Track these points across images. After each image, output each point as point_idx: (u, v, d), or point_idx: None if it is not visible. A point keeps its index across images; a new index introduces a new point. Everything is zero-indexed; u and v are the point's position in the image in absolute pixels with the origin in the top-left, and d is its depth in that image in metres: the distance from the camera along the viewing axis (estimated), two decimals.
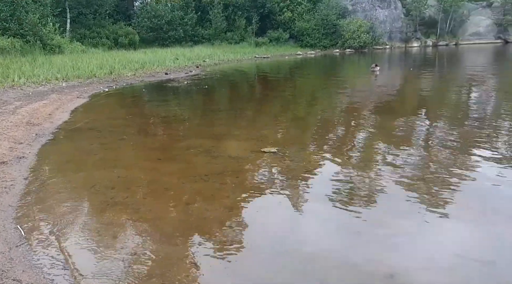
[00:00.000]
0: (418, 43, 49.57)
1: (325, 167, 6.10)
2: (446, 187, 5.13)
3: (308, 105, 12.61)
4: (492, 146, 6.83)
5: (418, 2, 48.13)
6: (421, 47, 48.34)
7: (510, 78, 15.79)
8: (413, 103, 12.43)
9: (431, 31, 50.73)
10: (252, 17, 43.47)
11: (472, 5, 52.07)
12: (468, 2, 51.89)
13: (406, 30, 49.90)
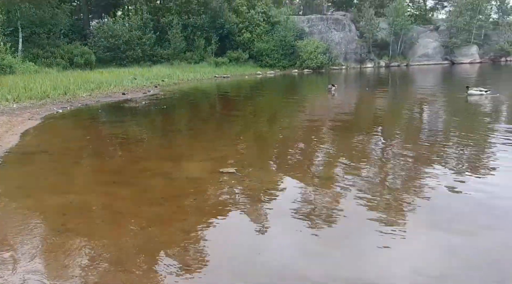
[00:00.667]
0: (372, 64, 51.55)
1: (284, 186, 6.13)
2: (402, 203, 5.27)
3: (268, 124, 12.73)
4: (444, 162, 7.13)
5: (371, 25, 50.30)
6: (374, 67, 50.28)
7: (457, 97, 16.65)
8: (369, 121, 12.82)
9: (383, 52, 52.95)
10: (211, 37, 43.78)
11: (420, 29, 54.95)
12: (417, 25, 54.72)
13: (360, 51, 51.87)
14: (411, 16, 55.09)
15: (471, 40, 51.07)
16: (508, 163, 6.81)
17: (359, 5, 55.22)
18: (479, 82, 23.60)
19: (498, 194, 5.51)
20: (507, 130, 9.63)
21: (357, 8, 54.91)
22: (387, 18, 51.02)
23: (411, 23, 51.89)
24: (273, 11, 48.24)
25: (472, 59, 50.35)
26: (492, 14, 54.75)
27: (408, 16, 52.44)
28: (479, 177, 6.18)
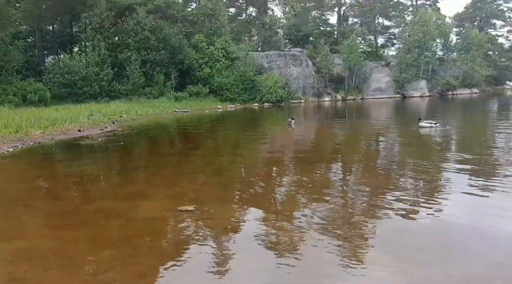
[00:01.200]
0: (329, 97, 53.25)
1: (245, 223, 6.04)
2: (361, 234, 5.31)
3: (229, 159, 12.67)
4: (400, 192, 7.30)
5: (326, 61, 52.36)
6: (332, 101, 51.91)
7: (409, 129, 17.38)
8: (328, 152, 13.06)
9: (339, 86, 54.96)
10: (171, 72, 43.89)
11: (373, 64, 57.69)
12: (369, 61, 57.47)
13: (317, 86, 53.60)
14: (364, 52, 57.90)
15: (420, 75, 54.05)
16: (458, 192, 7.07)
17: (315, 42, 57.54)
18: (429, 115, 24.82)
19: (451, 222, 5.67)
20: (456, 161, 10.07)
21: (313, 45, 57.16)
22: (341, 55, 53.33)
23: (364, 59, 54.50)
24: (233, 48, 49.27)
25: (422, 93, 53.13)
26: (438, 51, 58.49)
27: (360, 53, 55.08)
28: (433, 206, 6.37)
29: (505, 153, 10.99)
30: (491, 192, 7.01)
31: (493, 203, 6.43)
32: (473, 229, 5.36)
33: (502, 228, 5.31)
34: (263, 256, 4.81)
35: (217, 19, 48.42)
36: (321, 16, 67.65)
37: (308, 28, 60.65)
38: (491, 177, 8.12)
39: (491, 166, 9.24)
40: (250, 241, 5.23)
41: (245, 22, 68.50)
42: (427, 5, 66.47)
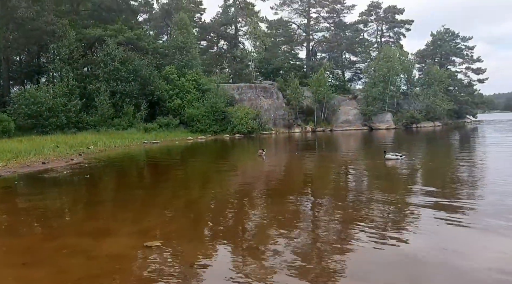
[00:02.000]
0: (299, 129, 54.11)
1: (214, 259, 5.89)
2: (332, 268, 5.27)
3: (199, 191, 12.49)
4: (369, 223, 7.35)
5: (296, 93, 53.61)
6: (302, 132, 52.71)
7: (376, 161, 17.74)
8: (299, 184, 13.09)
9: (309, 118, 56.07)
10: (141, 103, 43.66)
11: (341, 97, 59.42)
12: (338, 94, 59.17)
13: (288, 117, 54.50)
14: (332, 86, 59.73)
15: (386, 108, 55.93)
16: (425, 225, 7.19)
17: (285, 75, 58.97)
18: (395, 147, 25.50)
19: (419, 255, 5.72)
20: (422, 193, 10.30)
21: (283, 78, 58.53)
22: (310, 88, 54.73)
23: (332, 92, 56.16)
24: (204, 79, 49.78)
25: (388, 125, 54.80)
26: (402, 85, 60.97)
27: (329, 86, 56.78)
28: (401, 239, 6.42)
29: (468, 185, 11.33)
30: (456, 225, 7.16)
31: (458, 236, 6.55)
32: (440, 263, 5.42)
33: (467, 262, 5.39)
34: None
35: (188, 52, 49.02)
36: (291, 51, 69.68)
37: (278, 61, 62.27)
38: (456, 210, 8.32)
39: (455, 199, 9.48)
40: (219, 279, 5.08)
41: (216, 54, 69.59)
42: (391, 42, 69.67)
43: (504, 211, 7.79)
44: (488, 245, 5.94)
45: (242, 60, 62.06)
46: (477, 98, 74.82)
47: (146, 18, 65.32)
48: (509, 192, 9.76)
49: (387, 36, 72.66)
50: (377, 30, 71.82)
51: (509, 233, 6.44)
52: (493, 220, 7.19)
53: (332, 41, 67.90)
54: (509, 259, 5.39)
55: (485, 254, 5.63)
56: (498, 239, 6.19)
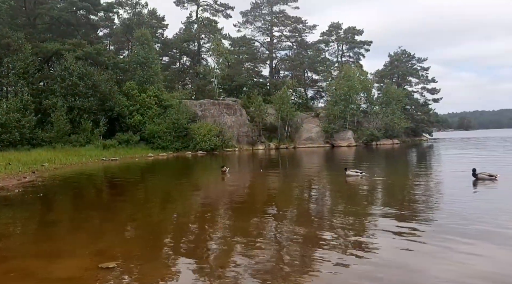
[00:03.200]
0: (263, 146, 54.23)
1: (173, 280, 5.57)
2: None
3: (159, 210, 12.04)
4: (331, 241, 7.26)
5: (260, 110, 53.89)
6: (265, 149, 52.84)
7: (338, 178, 17.88)
8: (262, 202, 12.91)
9: (273, 135, 56.40)
10: (99, 119, 42.42)
11: (304, 115, 60.33)
12: (301, 112, 60.04)
13: (252, 134, 54.56)
14: (295, 103, 60.64)
15: (347, 126, 57.22)
16: (386, 238, 7.18)
17: (249, 92, 59.28)
18: (356, 164, 25.93)
19: (382, 267, 5.66)
20: (382, 208, 10.38)
21: (246, 95, 58.78)
22: (274, 105, 55.21)
23: (295, 110, 56.90)
24: (165, 95, 49.15)
25: (349, 143, 55.98)
26: (362, 104, 62.71)
27: (292, 104, 57.55)
28: (364, 254, 6.36)
29: (424, 204, 11.56)
30: (413, 241, 7.20)
31: (415, 253, 6.56)
32: (404, 274, 5.37)
33: (423, 277, 5.37)
34: None
35: (149, 67, 48.39)
36: (254, 68, 70.35)
37: (242, 78, 62.61)
38: (415, 223, 8.42)
39: (412, 216, 9.60)
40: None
41: (179, 70, 69.17)
42: (351, 62, 71.84)
43: (457, 228, 7.93)
44: (443, 261, 5.98)
45: (205, 77, 61.92)
46: (433, 117, 78.09)
47: (107, 33, 64.18)
48: (461, 210, 10.01)
49: (347, 56, 74.98)
50: (338, 50, 74.03)
51: (462, 248, 6.53)
52: (448, 237, 7.29)
53: (295, 59, 69.20)
54: (463, 272, 5.43)
55: (441, 269, 5.64)
56: (453, 255, 6.25)
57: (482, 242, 6.87)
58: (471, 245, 6.73)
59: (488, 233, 7.47)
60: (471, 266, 5.72)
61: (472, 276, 5.32)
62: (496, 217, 8.72)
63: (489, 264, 5.75)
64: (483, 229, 7.72)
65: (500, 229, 7.73)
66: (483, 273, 5.40)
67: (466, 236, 7.28)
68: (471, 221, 8.47)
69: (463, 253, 6.30)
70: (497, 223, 8.21)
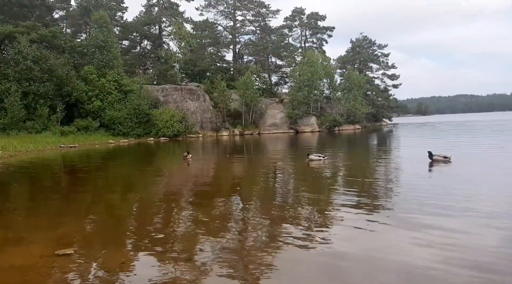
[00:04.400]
0: (227, 132, 53.98)
1: (131, 266, 5.45)
2: (259, 267, 5.12)
3: (121, 196, 11.77)
4: (295, 221, 7.34)
5: (223, 96, 53.44)
6: (230, 135, 52.66)
7: (301, 163, 18.07)
8: (227, 187, 12.88)
9: (237, 121, 56.20)
10: (57, 105, 40.77)
11: (268, 100, 60.41)
12: (265, 98, 60.06)
13: (215, 120, 54.14)
14: (259, 89, 60.43)
15: (310, 112, 57.85)
16: (348, 221, 7.33)
17: (212, 78, 58.57)
18: (319, 149, 26.34)
19: (343, 252, 5.76)
20: (344, 192, 10.61)
21: (210, 80, 58.05)
22: (238, 91, 54.89)
23: (259, 96, 56.78)
24: (126, 80, 47.84)
25: (313, 128, 56.69)
26: (325, 90, 63.50)
27: (256, 89, 57.37)
28: (325, 237, 6.47)
29: (385, 183, 11.93)
30: (376, 221, 7.39)
31: (379, 233, 6.75)
32: (363, 259, 5.49)
33: (389, 256, 5.52)
34: None
35: (108, 51, 46.81)
36: (217, 53, 69.41)
37: (205, 63, 61.67)
38: (376, 207, 8.65)
39: (374, 196, 9.87)
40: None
41: (139, 55, 67.35)
42: (314, 48, 72.26)
43: (416, 208, 8.21)
44: (402, 240, 6.16)
45: (166, 61, 60.60)
46: (392, 102, 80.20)
47: (63, 15, 61.40)
48: (417, 189, 10.38)
49: (310, 41, 75.39)
50: (301, 36, 74.27)
51: (420, 228, 6.76)
52: (407, 216, 7.54)
53: (258, 44, 68.84)
54: (421, 252, 5.61)
55: (400, 247, 5.82)
56: (411, 234, 6.45)
57: (439, 219, 7.14)
58: (428, 222, 6.96)
59: (444, 210, 7.75)
60: (429, 243, 5.92)
61: (427, 255, 5.50)
62: (450, 195, 9.09)
63: (445, 241, 5.97)
64: (439, 206, 8.00)
65: (453, 203, 8.05)
66: (439, 252, 5.59)
67: (423, 213, 7.54)
68: (428, 199, 8.78)
69: (422, 232, 6.51)
70: (451, 200, 8.54)
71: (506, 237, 6.11)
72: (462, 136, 32.87)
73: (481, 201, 8.50)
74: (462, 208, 7.90)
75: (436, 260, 5.13)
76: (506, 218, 7.20)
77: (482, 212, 7.54)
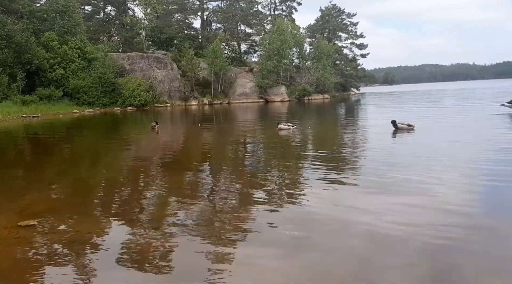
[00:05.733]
0: (196, 101, 53.29)
1: (100, 235, 5.40)
2: (233, 231, 5.20)
3: (88, 167, 11.54)
4: (265, 190, 7.43)
5: (192, 64, 52.34)
6: (199, 105, 52.07)
7: (271, 131, 18.15)
8: (197, 157, 12.83)
9: (206, 91, 55.46)
10: (16, 73, 38.88)
11: (237, 70, 59.70)
12: (234, 67, 59.32)
13: (184, 89, 53.21)
14: (228, 58, 59.52)
15: (280, 81, 57.72)
16: (317, 187, 7.49)
17: (180, 46, 57.02)
18: (289, 118, 26.51)
19: (312, 213, 5.91)
20: (313, 158, 10.79)
21: (177, 48, 56.54)
22: (206, 59, 53.88)
23: (228, 64, 55.97)
24: (90, 48, 46.05)
25: (282, 98, 56.74)
26: (295, 59, 63.23)
27: (225, 58, 56.49)
28: (296, 201, 6.61)
29: (351, 149, 12.23)
30: (343, 184, 7.60)
31: (345, 194, 6.95)
32: (332, 221, 5.66)
33: (354, 218, 5.70)
34: (128, 271, 4.31)
35: (70, 17, 44.62)
36: (185, 20, 67.46)
37: (172, 31, 59.83)
38: (343, 171, 8.85)
39: (341, 162, 10.12)
40: (109, 256, 4.66)
41: (103, 21, 64.60)
42: (283, 16, 71.34)
43: (383, 170, 8.46)
44: (368, 202, 6.38)
45: (132, 28, 58.46)
46: (360, 72, 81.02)
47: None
48: (383, 156, 10.69)
49: (280, 9, 74.26)
50: (271, 3, 72.93)
51: (385, 190, 7.00)
52: (374, 178, 7.77)
53: (227, 11, 67.24)
54: (386, 212, 5.83)
55: (368, 207, 6.03)
56: (376, 196, 6.69)
57: (402, 183, 7.40)
58: (392, 187, 7.21)
59: (406, 174, 8.02)
60: (392, 205, 6.14)
61: (391, 217, 5.71)
62: (413, 161, 9.42)
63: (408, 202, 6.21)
64: (402, 171, 8.27)
65: (415, 168, 8.35)
66: (402, 214, 5.82)
67: (387, 177, 7.78)
68: (391, 165, 9.05)
69: (386, 194, 6.75)
70: (414, 165, 8.84)
71: (466, 199, 6.41)
72: (425, 105, 33.78)
73: (442, 165, 8.84)
74: (424, 172, 8.19)
75: (398, 222, 5.34)
76: (464, 180, 7.54)
77: (442, 176, 7.84)
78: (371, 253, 4.53)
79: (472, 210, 5.88)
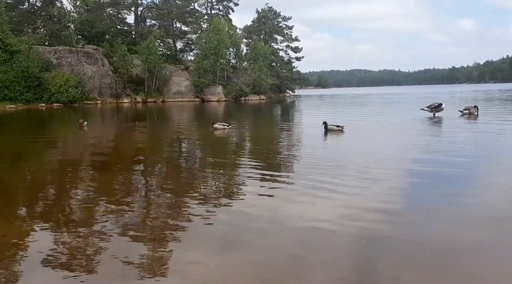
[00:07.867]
0: (128, 99, 51.62)
1: (21, 238, 5.08)
2: (167, 231, 5.12)
3: (9, 167, 10.71)
4: (200, 188, 7.40)
5: (124, 61, 50.62)
6: (131, 103, 50.46)
7: (207, 131, 18.08)
8: (129, 157, 12.40)
9: (140, 88, 53.91)
10: None
11: (173, 67, 58.69)
12: (170, 65, 58.21)
13: (116, 86, 51.31)
14: (163, 55, 58.33)
15: (217, 81, 57.65)
16: (254, 187, 7.60)
17: (111, 41, 54.91)
18: (225, 118, 26.58)
19: (248, 215, 5.99)
20: (249, 159, 10.93)
21: (109, 44, 54.39)
22: (140, 56, 52.40)
23: (163, 62, 54.87)
24: (12, 39, 42.91)
25: (219, 98, 56.72)
26: (231, 59, 63.50)
27: (160, 55, 55.31)
28: (232, 203, 6.64)
29: (286, 149, 12.54)
30: (277, 184, 7.77)
31: (283, 196, 7.10)
32: (264, 220, 5.77)
33: (287, 218, 5.86)
34: (55, 273, 4.10)
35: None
36: (117, 15, 64.99)
37: (103, 25, 57.42)
38: (279, 171, 9.05)
39: (276, 162, 10.33)
40: (35, 259, 4.40)
41: (27, 12, 60.36)
42: (220, 15, 71.33)
43: (315, 170, 8.78)
44: (301, 200, 6.59)
45: (60, 21, 55.25)
46: (295, 75, 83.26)
47: None
48: (316, 156, 11.10)
49: (217, 8, 74.19)
50: (207, 2, 72.62)
51: (321, 192, 7.25)
52: (307, 178, 8.03)
53: (162, 8, 65.81)
54: (316, 210, 6.09)
55: (299, 206, 6.23)
56: (308, 196, 6.91)
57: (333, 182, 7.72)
58: (324, 185, 7.48)
59: (337, 173, 8.36)
60: (324, 203, 6.39)
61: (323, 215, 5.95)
62: (343, 160, 9.87)
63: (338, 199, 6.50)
64: (333, 171, 8.61)
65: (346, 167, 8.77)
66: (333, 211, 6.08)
67: (319, 176, 8.07)
68: (323, 165, 9.39)
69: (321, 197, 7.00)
70: (344, 164, 9.27)
71: (391, 195, 6.83)
72: (353, 107, 35.50)
73: (371, 163, 9.35)
74: (353, 171, 8.61)
75: (327, 220, 5.58)
76: (391, 179, 8.03)
77: (371, 173, 8.29)
78: (299, 251, 4.70)
79: (395, 206, 6.29)
